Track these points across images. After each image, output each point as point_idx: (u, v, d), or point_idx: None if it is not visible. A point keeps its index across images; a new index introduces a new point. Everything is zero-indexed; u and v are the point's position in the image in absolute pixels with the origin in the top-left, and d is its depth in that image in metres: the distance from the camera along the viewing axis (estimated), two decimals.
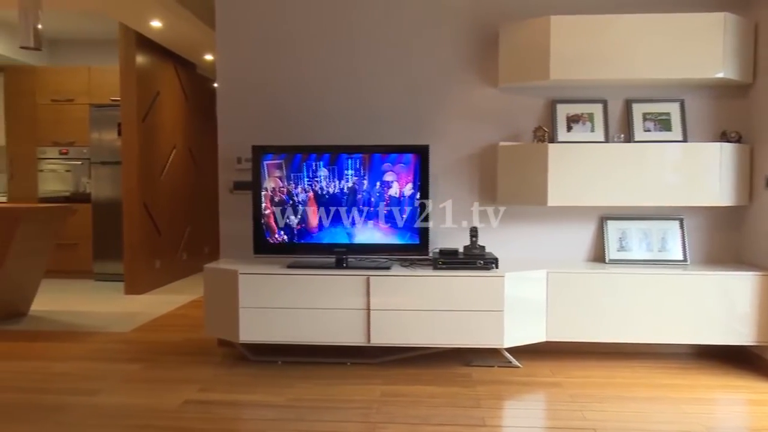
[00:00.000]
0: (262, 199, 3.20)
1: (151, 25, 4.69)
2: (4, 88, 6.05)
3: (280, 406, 2.56)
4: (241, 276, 3.05)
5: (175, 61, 5.88)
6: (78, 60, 6.43)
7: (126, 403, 2.59)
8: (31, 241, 4.03)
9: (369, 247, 3.17)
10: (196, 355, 3.33)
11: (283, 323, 3.06)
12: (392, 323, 3.02)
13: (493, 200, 3.44)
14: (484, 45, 3.40)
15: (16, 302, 4.21)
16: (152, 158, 5.40)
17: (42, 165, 6.06)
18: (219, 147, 3.56)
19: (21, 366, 3.12)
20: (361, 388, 2.78)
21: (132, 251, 5.13)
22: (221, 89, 3.54)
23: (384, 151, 3.16)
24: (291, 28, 3.47)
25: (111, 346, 3.50)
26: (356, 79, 3.46)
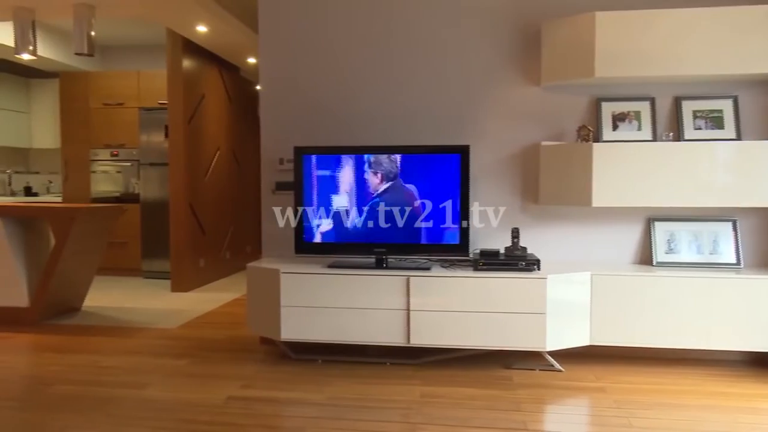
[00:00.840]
0: (303, 199, 3.24)
1: (197, 30, 4.82)
2: (60, 93, 6.33)
3: (320, 404, 2.59)
4: (283, 275, 3.10)
5: (220, 64, 6.02)
6: (128, 65, 6.67)
7: (172, 398, 2.67)
8: (84, 240, 4.20)
9: (409, 247, 3.17)
10: (239, 352, 3.40)
11: (323, 322, 3.09)
12: (432, 324, 3.01)
13: (535, 200, 3.39)
14: (525, 43, 3.35)
15: (70, 298, 4.40)
16: (197, 160, 5.55)
17: (94, 167, 6.31)
18: (261, 148, 3.62)
19: (74, 359, 3.25)
20: (401, 389, 2.78)
21: (178, 250, 5.28)
22: (264, 91, 3.61)
23: (424, 151, 3.15)
24: (332, 31, 3.51)
25: (158, 342, 3.61)
26: (396, 79, 3.46)
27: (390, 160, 3.17)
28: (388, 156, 3.17)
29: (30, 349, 3.48)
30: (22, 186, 6.85)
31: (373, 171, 3.19)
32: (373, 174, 3.19)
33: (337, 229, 3.23)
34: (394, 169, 3.17)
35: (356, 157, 3.19)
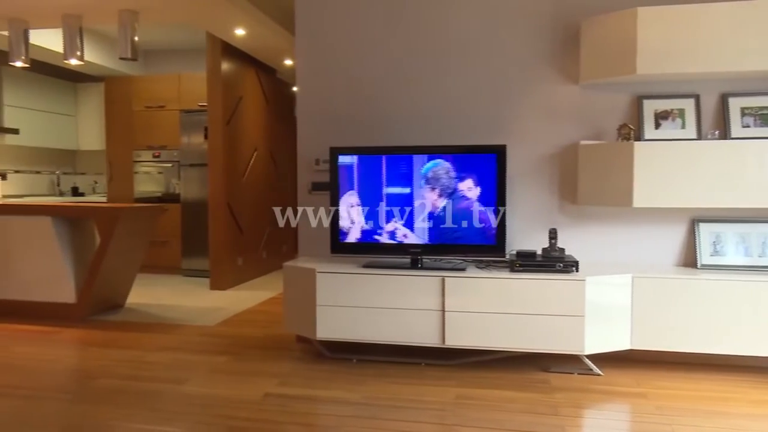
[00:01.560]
0: (339, 199, 3.27)
1: (235, 34, 4.91)
2: (105, 96, 6.55)
3: (356, 403, 2.60)
4: (319, 274, 3.13)
5: (257, 66, 6.12)
6: (169, 68, 6.86)
7: (212, 393, 2.72)
8: (127, 239, 4.34)
9: (444, 247, 3.16)
10: (276, 349, 3.46)
11: (358, 322, 3.11)
12: (467, 325, 2.99)
13: (573, 201, 3.33)
14: (564, 40, 3.30)
15: (114, 295, 4.54)
16: (235, 160, 5.66)
17: (137, 167, 6.51)
18: (298, 149, 3.67)
19: (118, 354, 3.36)
20: (436, 390, 2.78)
21: (216, 249, 5.40)
22: (300, 93, 3.65)
23: (460, 151, 3.13)
24: (367, 32, 3.53)
25: (198, 339, 3.70)
26: (432, 79, 3.45)
27: (426, 160, 3.16)
28: (424, 156, 3.16)
29: (77, 343, 3.61)
30: (70, 186, 7.12)
31: (408, 171, 3.18)
32: (408, 174, 3.18)
33: (372, 229, 3.24)
34: (429, 170, 3.16)
35: (391, 157, 3.20)
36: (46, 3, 4.04)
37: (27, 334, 3.80)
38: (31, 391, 2.75)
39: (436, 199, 3.16)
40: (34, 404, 2.59)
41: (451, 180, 3.14)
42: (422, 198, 3.17)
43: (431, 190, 3.16)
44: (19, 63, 4.45)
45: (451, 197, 3.14)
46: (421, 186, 3.17)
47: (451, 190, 3.14)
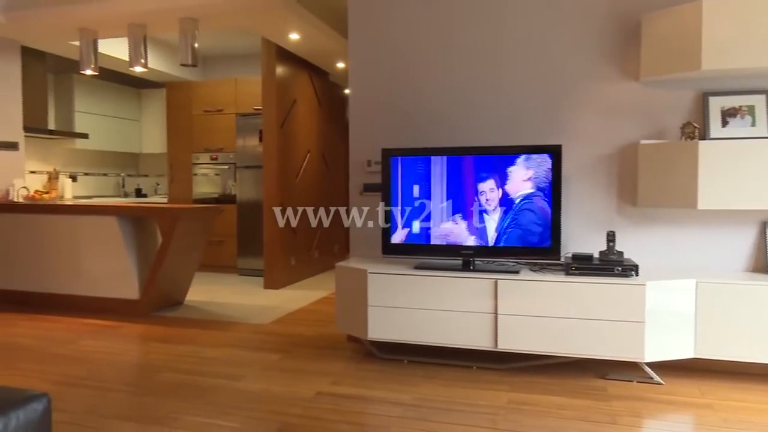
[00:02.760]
0: (390, 200, 3.28)
1: (289, 38, 5.01)
2: (166, 101, 6.83)
3: (406, 405, 2.60)
4: (370, 275, 3.15)
5: (310, 70, 6.23)
6: (226, 73, 7.07)
7: (266, 390, 2.79)
8: (187, 238, 4.50)
9: (497, 249, 3.12)
10: (327, 349, 3.50)
11: (409, 323, 3.11)
12: (521, 329, 2.93)
13: (633, 202, 3.21)
14: (623, 36, 3.19)
15: (174, 292, 4.72)
16: (289, 162, 5.77)
17: (196, 170, 6.74)
18: (350, 150, 3.70)
19: (178, 349, 3.49)
20: (488, 393, 2.74)
21: (270, 249, 5.52)
22: (353, 95, 3.69)
23: (513, 151, 3.08)
24: (420, 33, 3.52)
25: (253, 336, 3.79)
26: (485, 80, 3.42)
27: (479, 160, 3.13)
28: (477, 156, 3.13)
29: (140, 338, 3.77)
30: (134, 188, 7.46)
31: (461, 172, 3.16)
32: (461, 175, 3.16)
33: (424, 231, 3.23)
34: (482, 170, 3.13)
35: (443, 158, 3.18)
36: (113, 13, 4.25)
37: (94, 328, 4.01)
38: (98, 382, 2.90)
39: (489, 200, 3.12)
40: (102, 395, 2.73)
41: (505, 180, 3.09)
42: (474, 199, 3.14)
43: (484, 191, 3.12)
44: (89, 71, 4.69)
45: (504, 199, 3.09)
46: (473, 187, 3.14)
47: (504, 191, 3.09)
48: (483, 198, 3.13)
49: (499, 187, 3.10)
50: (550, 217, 3.03)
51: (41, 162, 6.10)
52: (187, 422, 2.41)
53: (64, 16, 4.35)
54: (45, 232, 4.63)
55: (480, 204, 3.13)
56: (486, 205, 3.12)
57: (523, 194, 3.06)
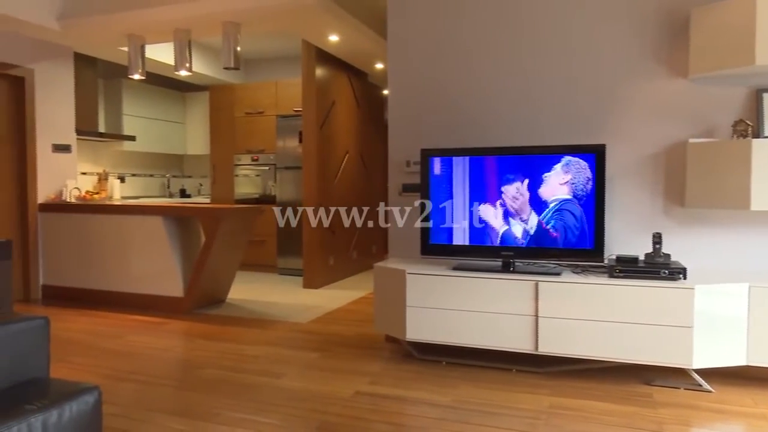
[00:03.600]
0: (429, 201, 3.27)
1: (329, 40, 5.06)
2: (210, 104, 7.00)
3: (445, 406, 2.59)
4: (409, 276, 3.15)
5: (349, 71, 6.27)
6: (267, 76, 7.20)
7: (306, 388, 2.82)
8: (229, 238, 4.60)
9: (537, 251, 3.07)
10: (365, 348, 3.52)
11: (448, 324, 3.09)
12: (562, 332, 2.88)
13: (680, 203, 3.11)
14: (670, 32, 3.09)
15: (217, 291, 4.83)
16: (328, 163, 5.83)
17: (237, 171, 6.88)
18: (389, 151, 3.71)
19: (220, 346, 3.57)
20: (528, 397, 2.70)
21: (309, 249, 5.58)
22: (392, 95, 3.70)
23: (556, 151, 3.03)
24: (459, 32, 3.50)
25: (292, 335, 3.85)
26: (525, 78, 3.37)
27: (519, 160, 3.09)
28: (518, 156, 3.09)
29: (184, 334, 3.88)
30: (178, 188, 7.67)
31: (501, 172, 3.12)
32: (501, 175, 3.12)
33: (462, 231, 3.21)
34: (523, 170, 3.08)
35: (482, 158, 3.15)
36: (160, 19, 4.38)
37: (141, 324, 4.14)
38: (145, 376, 3.00)
39: (530, 200, 3.07)
40: (148, 389, 2.81)
41: (547, 181, 3.04)
42: (515, 200, 3.09)
43: (525, 192, 3.08)
44: (137, 76, 4.85)
45: (546, 198, 3.04)
46: (513, 187, 3.10)
47: (545, 191, 3.04)
48: (524, 198, 3.08)
49: (540, 187, 3.05)
50: (593, 218, 2.96)
51: (92, 163, 6.34)
52: (229, 418, 2.46)
53: (114, 22, 4.51)
54: (95, 231, 4.82)
55: (520, 204, 3.09)
56: (526, 206, 3.08)
57: (565, 195, 3.01)
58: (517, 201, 3.09)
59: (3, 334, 1.58)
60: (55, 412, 1.50)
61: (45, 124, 5.08)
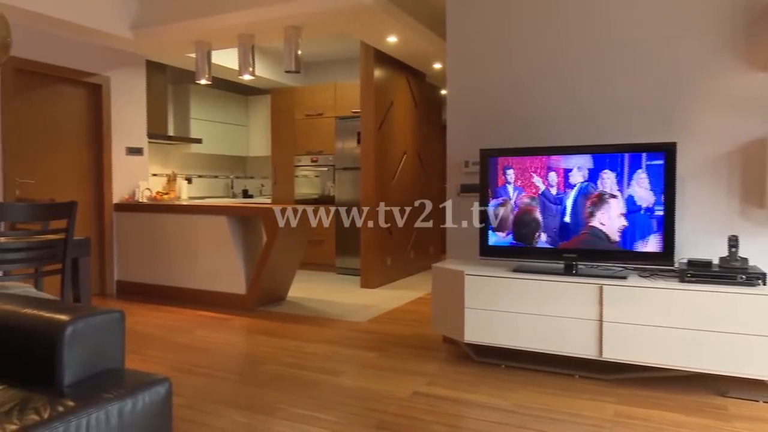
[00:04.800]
0: (488, 201, 3.22)
1: (387, 41, 5.09)
2: (271, 107, 7.19)
3: (504, 410, 2.55)
4: (467, 277, 3.12)
5: (407, 72, 6.28)
6: (326, 78, 7.32)
7: (364, 387, 2.85)
8: (289, 237, 4.71)
9: (602, 253, 2.96)
10: (423, 349, 3.51)
11: (507, 327, 3.04)
12: (629, 338, 2.77)
13: (759, 204, 2.92)
14: (747, 22, 2.91)
15: (277, 288, 4.96)
16: (386, 163, 5.86)
17: (297, 171, 7.04)
18: (447, 151, 3.69)
19: (281, 343, 3.66)
20: (592, 404, 2.61)
21: (367, 249, 5.63)
22: (451, 96, 3.67)
23: (622, 150, 2.91)
24: (520, 31, 3.44)
25: (350, 334, 3.89)
26: (588, 75, 3.26)
27: (582, 159, 2.99)
28: (581, 156, 3.00)
29: (247, 330, 4.00)
30: (241, 189, 7.92)
31: (564, 172, 3.04)
32: (563, 175, 3.04)
33: (522, 233, 3.15)
34: (586, 170, 2.99)
35: (543, 158, 3.08)
36: (225, 25, 4.54)
37: (206, 320, 4.30)
38: (210, 370, 3.11)
39: (594, 201, 2.97)
40: (214, 382, 2.92)
41: (612, 181, 2.93)
42: (578, 200, 3.00)
43: (588, 192, 2.98)
44: (204, 81, 5.05)
45: (611, 199, 2.94)
46: (577, 187, 3.01)
47: (611, 192, 2.94)
48: (586, 198, 2.99)
49: (604, 187, 2.95)
50: (663, 219, 2.83)
51: (161, 165, 6.65)
52: (289, 413, 2.52)
53: (183, 30, 4.71)
54: (164, 229, 5.05)
55: (582, 204, 2.99)
56: (589, 206, 2.98)
57: (632, 195, 2.89)
58: (578, 201, 3.00)
59: (84, 326, 1.69)
60: (129, 402, 1.59)
61: (119, 129, 5.38)
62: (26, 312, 1.76)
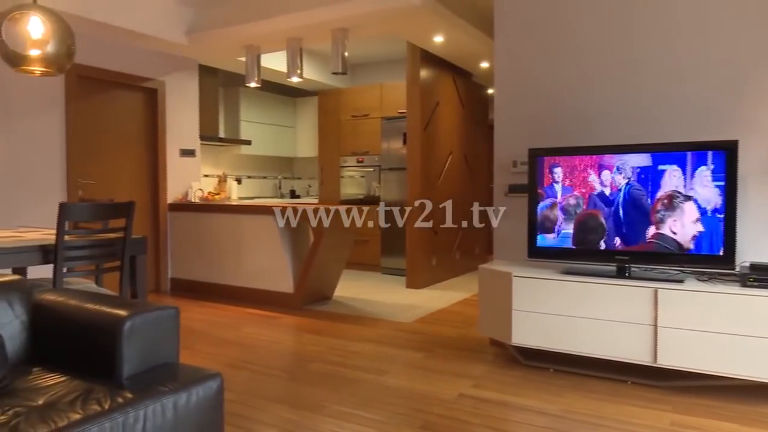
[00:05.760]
0: (537, 202, 3.17)
1: (434, 41, 5.07)
2: (318, 108, 7.29)
3: (553, 415, 2.49)
4: (515, 279, 3.07)
5: (453, 71, 6.24)
6: (372, 79, 7.36)
7: (408, 387, 2.85)
8: (336, 237, 4.76)
9: (657, 256, 2.86)
10: (469, 351, 3.48)
11: (556, 330, 2.97)
12: (685, 344, 2.66)
13: None
14: None
15: (324, 288, 5.02)
16: (431, 164, 5.84)
17: (343, 172, 7.10)
18: (495, 151, 3.64)
19: (327, 342, 3.70)
20: (645, 412, 2.52)
21: (413, 249, 5.63)
22: (498, 95, 3.63)
23: (678, 148, 2.81)
24: (569, 27, 3.36)
25: (395, 334, 3.90)
26: (642, 71, 3.15)
27: (636, 158, 2.90)
28: (634, 155, 2.90)
29: (294, 329, 4.07)
30: (288, 189, 8.06)
31: (616, 171, 2.95)
32: (615, 175, 2.95)
33: (572, 234, 3.07)
34: (639, 169, 2.89)
35: (595, 157, 3.00)
36: (275, 29, 4.63)
37: (254, 317, 4.40)
38: (258, 366, 3.18)
39: (648, 202, 2.87)
40: (261, 378, 2.99)
41: (668, 180, 2.83)
42: (631, 201, 2.91)
43: (642, 192, 2.88)
44: (253, 84, 5.17)
45: (667, 200, 2.83)
46: (629, 188, 2.91)
47: (666, 192, 2.83)
48: (639, 199, 2.89)
49: (659, 187, 2.84)
50: (723, 221, 2.71)
51: (213, 166, 6.85)
52: (335, 411, 2.55)
53: (234, 35, 4.84)
54: (215, 229, 5.20)
55: (636, 205, 2.90)
56: (643, 207, 2.88)
57: (690, 195, 2.78)
58: (631, 201, 2.91)
59: (141, 321, 1.76)
60: (184, 395, 1.64)
61: (174, 131, 5.57)
62: (89, 307, 1.85)
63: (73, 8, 4.14)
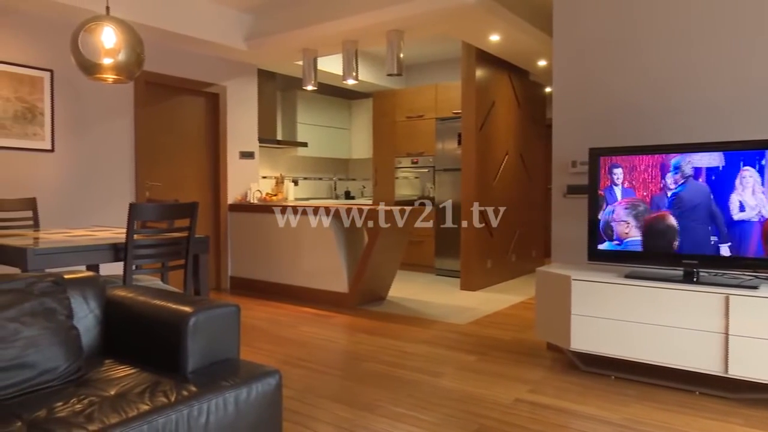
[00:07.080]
0: (599, 203, 3.07)
1: (490, 40, 5.00)
2: (373, 110, 7.34)
3: (615, 424, 2.41)
4: (574, 282, 2.98)
5: (509, 70, 6.13)
6: (426, 80, 7.34)
7: (463, 390, 2.82)
8: (390, 238, 4.78)
9: (728, 260, 2.71)
10: (525, 355, 3.41)
11: (618, 336, 2.87)
12: (759, 354, 2.51)
13: None
14: None
15: (378, 288, 5.05)
16: (487, 164, 5.76)
17: (397, 173, 7.12)
18: (553, 151, 3.56)
19: (381, 342, 3.72)
20: (714, 425, 2.40)
21: (467, 250, 5.57)
22: (557, 94, 3.54)
23: (749, 147, 2.65)
24: (631, 23, 3.23)
25: (450, 335, 3.87)
26: (707, 66, 3.00)
27: (704, 158, 2.76)
28: (703, 154, 2.76)
29: (349, 328, 4.11)
30: (343, 190, 8.16)
31: (682, 171, 2.82)
32: (682, 175, 2.82)
33: (635, 236, 2.96)
34: (708, 169, 2.75)
35: (659, 156, 2.87)
36: (331, 33, 4.70)
37: (310, 316, 4.48)
38: (313, 364, 3.23)
39: (715, 202, 2.73)
40: (317, 376, 3.03)
41: (740, 181, 2.67)
42: (699, 201, 2.77)
43: (708, 193, 2.74)
44: (310, 87, 5.26)
45: (736, 202, 2.68)
46: (697, 187, 2.77)
47: (737, 194, 2.68)
48: (707, 200, 2.74)
49: (731, 188, 2.69)
50: None
51: (270, 168, 7.02)
52: (389, 411, 2.56)
53: (291, 39, 4.95)
54: (273, 229, 5.33)
55: (704, 207, 2.75)
56: (711, 208, 2.74)
57: (761, 197, 2.61)
58: (699, 203, 2.76)
59: (204, 318, 1.82)
60: (244, 390, 1.69)
61: (234, 134, 5.75)
62: (156, 303, 1.93)
63: (142, 18, 4.35)
